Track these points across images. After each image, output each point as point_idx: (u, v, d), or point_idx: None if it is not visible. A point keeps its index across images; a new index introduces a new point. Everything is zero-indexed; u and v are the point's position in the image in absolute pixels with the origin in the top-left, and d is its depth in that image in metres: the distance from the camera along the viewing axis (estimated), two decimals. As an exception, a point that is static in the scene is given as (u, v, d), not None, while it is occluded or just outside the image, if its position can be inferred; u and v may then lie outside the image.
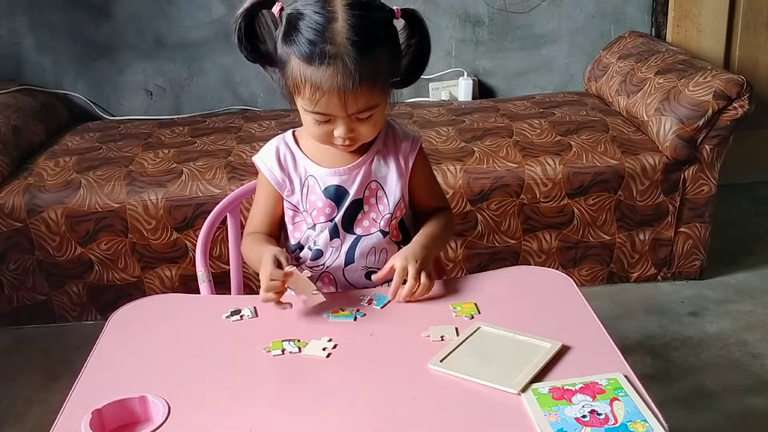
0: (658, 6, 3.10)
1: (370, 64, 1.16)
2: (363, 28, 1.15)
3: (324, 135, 1.25)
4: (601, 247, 2.46)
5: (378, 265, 1.35)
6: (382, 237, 1.35)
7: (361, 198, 1.33)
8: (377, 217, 1.35)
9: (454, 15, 3.08)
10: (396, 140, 1.36)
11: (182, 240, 2.32)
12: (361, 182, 1.33)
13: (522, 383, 1.00)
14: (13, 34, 2.99)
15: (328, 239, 1.34)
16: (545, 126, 2.58)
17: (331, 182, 1.33)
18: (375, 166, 1.34)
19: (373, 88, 1.18)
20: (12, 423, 1.99)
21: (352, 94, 1.16)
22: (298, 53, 1.17)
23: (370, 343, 1.11)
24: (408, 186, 1.37)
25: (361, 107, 1.19)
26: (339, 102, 1.17)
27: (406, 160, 1.36)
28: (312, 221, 1.34)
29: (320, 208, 1.33)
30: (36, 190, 2.32)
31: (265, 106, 3.13)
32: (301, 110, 1.24)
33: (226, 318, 1.21)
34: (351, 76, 1.14)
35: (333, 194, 1.33)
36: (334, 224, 1.33)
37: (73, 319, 2.43)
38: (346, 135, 1.23)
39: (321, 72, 1.15)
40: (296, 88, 1.20)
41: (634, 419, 0.93)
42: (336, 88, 1.15)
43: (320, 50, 1.14)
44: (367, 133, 1.26)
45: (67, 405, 1.02)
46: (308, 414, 0.98)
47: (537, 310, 1.20)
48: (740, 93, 2.31)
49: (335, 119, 1.21)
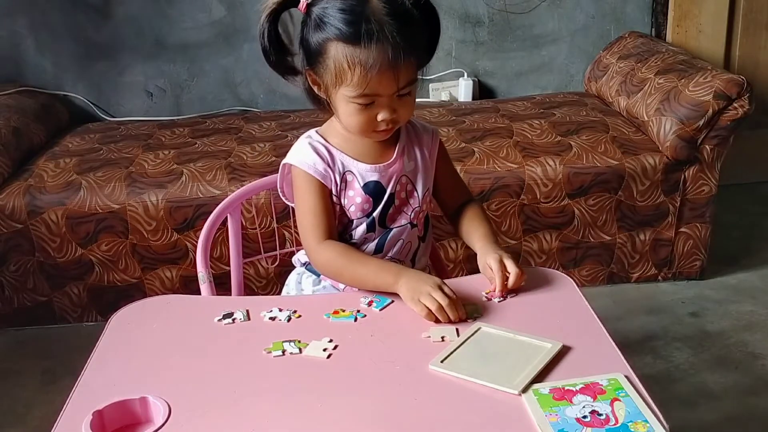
0: (658, 6, 3.10)
1: (411, 36, 1.19)
2: (396, 4, 1.19)
3: (367, 122, 1.24)
4: (601, 248, 2.46)
5: (400, 256, 1.38)
6: (410, 229, 1.38)
7: (393, 193, 1.35)
8: (408, 210, 1.37)
9: (454, 15, 3.08)
10: (417, 134, 1.40)
11: (182, 241, 2.32)
12: (395, 178, 1.35)
13: (523, 384, 1.00)
14: (14, 35, 2.99)
15: (365, 232, 1.35)
16: (545, 126, 2.58)
17: (371, 178, 1.33)
18: (404, 160, 1.36)
19: (414, 60, 1.21)
20: (13, 424, 1.99)
21: (402, 67, 1.18)
22: (342, 37, 1.18)
23: (371, 344, 1.11)
24: (434, 179, 1.41)
25: (406, 81, 1.21)
26: (391, 77, 1.19)
27: (431, 152, 1.40)
28: (349, 216, 1.34)
29: (358, 204, 1.33)
30: (36, 191, 2.32)
31: (265, 107, 3.13)
32: (342, 101, 1.23)
33: (218, 321, 1.20)
34: (398, 49, 1.16)
35: (372, 190, 1.34)
36: (372, 219, 1.34)
37: (73, 321, 2.43)
38: (390, 116, 1.23)
39: (370, 50, 1.16)
40: (340, 75, 1.20)
41: (634, 419, 0.93)
42: (387, 64, 1.17)
43: (366, 28, 1.16)
44: (405, 114, 1.27)
45: (68, 406, 1.02)
46: (309, 415, 0.98)
47: (538, 310, 1.20)
48: (740, 93, 2.31)
49: (379, 101, 1.22)
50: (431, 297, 1.16)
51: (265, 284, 2.37)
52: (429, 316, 1.16)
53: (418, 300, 1.17)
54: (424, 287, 1.17)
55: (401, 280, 1.21)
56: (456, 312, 1.16)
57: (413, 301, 1.18)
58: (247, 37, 3.04)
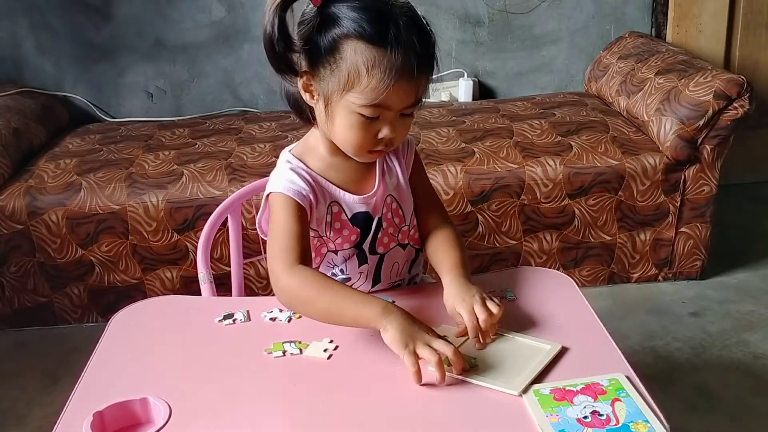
0: (658, 6, 3.10)
1: (430, 51, 1.11)
2: (416, 15, 1.10)
3: (365, 138, 1.13)
4: (601, 248, 2.46)
5: (402, 277, 1.31)
6: (402, 250, 1.29)
7: (381, 216, 1.25)
8: (394, 231, 1.27)
9: (454, 16, 3.08)
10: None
11: (183, 242, 2.32)
12: (382, 202, 1.25)
13: (522, 384, 1.00)
14: (14, 36, 2.99)
15: (357, 266, 1.26)
16: (545, 126, 2.58)
17: (359, 209, 1.23)
18: (387, 180, 1.26)
19: (430, 75, 1.13)
20: (13, 425, 1.99)
21: (422, 80, 1.10)
22: (365, 36, 1.06)
23: (371, 345, 1.11)
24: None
25: (420, 96, 1.12)
26: (408, 89, 1.09)
27: (407, 159, 1.30)
28: (334, 247, 1.24)
29: (345, 236, 1.23)
30: (37, 192, 2.32)
31: (266, 107, 3.13)
32: (345, 110, 1.11)
33: (218, 322, 1.20)
34: (423, 60, 1.08)
35: (360, 222, 1.23)
36: (362, 250, 1.25)
37: (74, 321, 2.43)
38: (391, 135, 1.12)
39: (395, 55, 1.05)
40: (353, 79, 1.07)
41: (635, 420, 0.93)
42: (409, 74, 1.07)
43: (394, 30, 1.05)
44: (402, 135, 1.17)
45: (69, 407, 1.02)
46: (309, 415, 0.98)
47: (538, 310, 1.19)
48: (740, 93, 2.31)
49: (385, 116, 1.11)
50: (430, 348, 1.00)
51: (266, 285, 2.36)
52: (417, 375, 1.00)
53: (412, 350, 1.00)
54: (421, 334, 1.02)
55: (390, 318, 1.04)
56: (460, 364, 1.01)
57: (405, 348, 1.01)
58: (248, 38, 3.04)
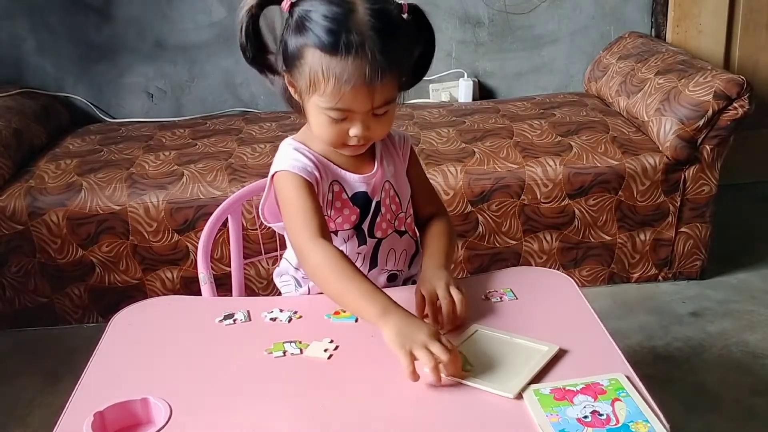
0: (658, 6, 3.10)
1: (393, 55, 1.11)
2: (384, 18, 1.12)
3: (338, 135, 1.18)
4: (601, 248, 2.46)
5: (398, 267, 1.35)
6: (399, 237, 1.33)
7: (380, 201, 1.30)
8: (392, 217, 1.32)
9: (454, 16, 3.08)
10: (390, 138, 1.35)
11: (183, 242, 2.32)
12: (381, 186, 1.29)
13: (517, 388, 0.99)
14: (14, 36, 2.99)
15: (356, 246, 1.29)
16: (545, 127, 2.58)
17: (359, 189, 1.27)
18: (385, 166, 1.31)
19: (394, 79, 1.14)
20: (14, 425, 1.99)
21: (378, 87, 1.11)
22: (320, 44, 1.10)
23: (371, 345, 1.11)
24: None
25: (383, 100, 1.15)
26: (365, 95, 1.12)
27: (404, 153, 1.35)
28: (334, 227, 1.27)
29: (346, 215, 1.27)
30: (37, 192, 2.32)
31: (266, 107, 3.13)
32: (315, 110, 1.17)
33: (219, 322, 1.20)
34: (378, 67, 1.09)
35: (360, 201, 1.28)
36: (361, 231, 1.28)
37: (74, 322, 2.43)
38: (362, 133, 1.17)
39: (347, 63, 1.09)
40: (314, 83, 1.13)
41: (635, 419, 0.93)
42: (363, 80, 1.10)
43: (346, 40, 1.08)
44: (380, 132, 1.21)
45: (69, 407, 1.02)
46: (310, 415, 0.98)
47: (538, 310, 1.20)
48: (740, 93, 2.32)
49: (352, 116, 1.16)
50: (427, 351, 1.00)
51: (266, 285, 2.37)
52: (413, 375, 1.00)
53: (409, 350, 1.01)
54: (419, 336, 1.02)
55: (389, 318, 1.06)
56: (456, 368, 1.01)
57: (402, 349, 1.01)
58: (248, 38, 3.04)
